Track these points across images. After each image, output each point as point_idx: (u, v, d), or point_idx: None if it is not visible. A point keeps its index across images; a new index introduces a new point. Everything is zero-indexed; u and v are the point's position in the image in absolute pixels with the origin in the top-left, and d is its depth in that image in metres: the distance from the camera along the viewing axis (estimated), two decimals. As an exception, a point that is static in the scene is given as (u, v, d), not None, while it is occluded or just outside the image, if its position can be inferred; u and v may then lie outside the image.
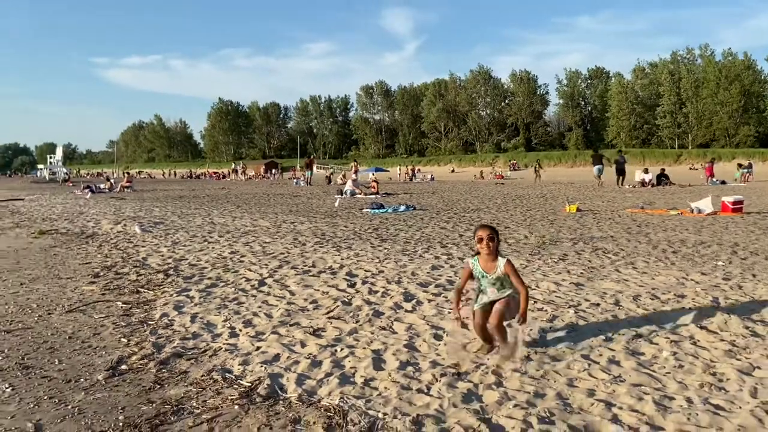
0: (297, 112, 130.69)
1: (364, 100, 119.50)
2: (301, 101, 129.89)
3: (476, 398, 3.66)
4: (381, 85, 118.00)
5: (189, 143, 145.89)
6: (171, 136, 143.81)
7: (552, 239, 10.19)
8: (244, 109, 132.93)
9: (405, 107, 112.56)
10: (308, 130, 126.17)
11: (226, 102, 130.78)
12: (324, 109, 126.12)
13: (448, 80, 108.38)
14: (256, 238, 11.06)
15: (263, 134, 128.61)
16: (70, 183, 51.02)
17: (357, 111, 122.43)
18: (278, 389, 3.94)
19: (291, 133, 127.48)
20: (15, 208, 21.28)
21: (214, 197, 25.75)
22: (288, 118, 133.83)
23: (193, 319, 5.65)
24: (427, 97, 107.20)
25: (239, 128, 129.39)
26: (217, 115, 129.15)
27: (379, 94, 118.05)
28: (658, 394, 3.56)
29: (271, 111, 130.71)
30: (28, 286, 7.57)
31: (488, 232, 4.33)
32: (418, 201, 21.08)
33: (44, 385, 4.15)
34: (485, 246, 4.32)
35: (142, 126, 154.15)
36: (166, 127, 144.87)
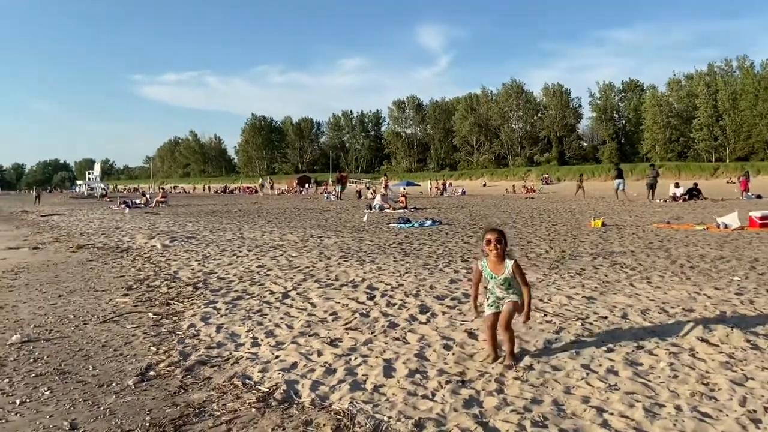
0: (329, 127, 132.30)
1: (396, 115, 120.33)
2: (334, 116, 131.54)
3: (477, 404, 3.88)
4: (413, 100, 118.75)
5: (223, 158, 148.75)
6: (206, 152, 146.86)
7: (572, 254, 10.30)
8: (278, 124, 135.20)
9: (437, 121, 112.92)
10: (340, 145, 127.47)
11: (259, 117, 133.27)
12: (356, 123, 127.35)
13: (480, 94, 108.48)
14: (283, 252, 11.43)
15: (296, 149, 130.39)
16: (108, 198, 52.58)
17: (389, 125, 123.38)
18: (293, 394, 4.22)
19: (323, 148, 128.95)
20: (55, 223, 22.17)
21: (246, 212, 26.36)
22: (320, 133, 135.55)
23: (218, 330, 5.98)
24: (459, 111, 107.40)
25: (272, 143, 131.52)
26: (250, 130, 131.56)
27: (411, 109, 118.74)
28: (650, 402, 3.74)
29: (303, 126, 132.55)
30: (65, 297, 8.04)
31: (496, 236, 4.58)
32: (446, 215, 21.27)
33: (79, 389, 4.52)
34: (493, 248, 4.56)
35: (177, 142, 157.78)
36: (201, 143, 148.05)
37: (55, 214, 28.42)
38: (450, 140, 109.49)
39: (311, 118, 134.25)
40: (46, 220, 24.53)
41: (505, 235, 4.69)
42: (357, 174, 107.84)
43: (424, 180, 75.47)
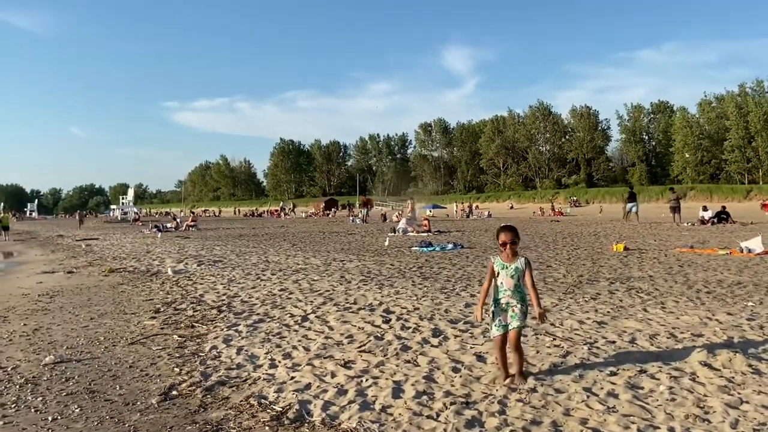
0: (356, 150, 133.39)
1: (423, 138, 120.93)
2: (361, 140, 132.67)
3: (478, 424, 4.06)
4: (440, 123, 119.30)
5: (252, 182, 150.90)
6: (235, 176, 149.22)
7: (590, 278, 10.38)
8: (306, 147, 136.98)
9: (463, 144, 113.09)
10: (367, 168, 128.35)
11: (287, 142, 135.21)
12: (383, 146, 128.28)
13: (507, 116, 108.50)
14: (305, 275, 11.72)
15: (323, 172, 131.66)
16: (140, 222, 53.85)
17: (415, 148, 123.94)
18: (305, 413, 4.45)
19: (350, 171, 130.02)
20: (89, 248, 22.89)
21: (272, 235, 26.83)
22: (348, 156, 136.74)
23: (238, 352, 6.26)
24: (486, 134, 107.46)
25: (300, 167, 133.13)
26: (279, 154, 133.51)
27: (438, 132, 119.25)
28: (644, 424, 3.87)
29: (331, 149, 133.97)
30: (96, 320, 8.43)
31: (510, 237, 4.82)
32: (469, 239, 21.39)
33: (107, 407, 4.82)
34: (508, 249, 4.81)
35: (208, 166, 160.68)
36: (231, 167, 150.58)
37: (90, 238, 29.28)
38: (477, 163, 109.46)
39: (339, 142, 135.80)
40: (81, 244, 25.32)
41: (517, 233, 4.94)
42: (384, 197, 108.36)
43: (450, 203, 75.49)
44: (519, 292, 4.79)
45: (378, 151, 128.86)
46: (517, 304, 4.76)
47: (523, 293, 4.83)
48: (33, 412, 4.71)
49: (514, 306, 4.75)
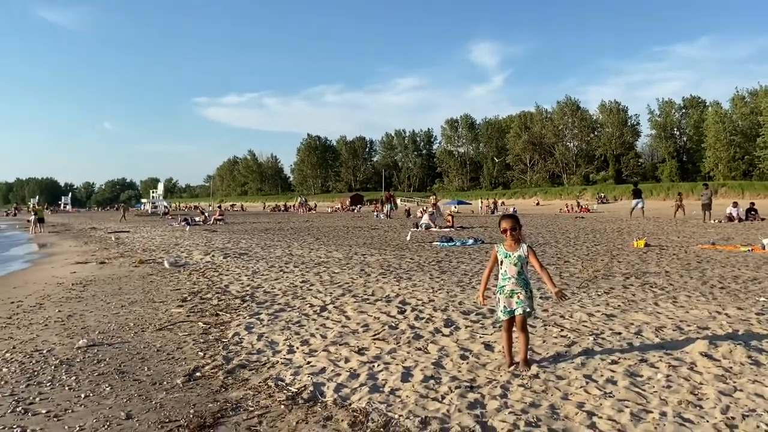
0: (382, 146, 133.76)
1: (449, 133, 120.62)
2: (387, 135, 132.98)
3: (480, 406, 4.29)
4: (466, 118, 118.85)
5: (279, 177, 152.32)
6: (263, 171, 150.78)
7: (606, 273, 10.48)
8: (332, 143, 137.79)
9: (490, 140, 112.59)
10: (393, 164, 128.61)
11: (314, 137, 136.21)
12: (408, 142, 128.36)
13: (534, 112, 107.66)
14: (327, 268, 12.04)
15: (349, 168, 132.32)
16: (170, 216, 54.93)
17: (441, 144, 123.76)
18: (318, 394, 4.74)
19: (376, 167, 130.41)
20: (121, 240, 23.58)
21: (297, 230, 27.27)
22: (374, 152, 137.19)
23: (259, 338, 6.58)
24: (513, 129, 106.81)
25: (326, 162, 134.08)
26: (305, 149, 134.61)
27: (464, 127, 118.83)
28: (638, 408, 4.07)
29: (357, 145, 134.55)
30: (127, 308, 8.85)
31: (510, 224, 5.05)
32: (491, 235, 21.50)
33: (135, 386, 5.17)
34: (509, 236, 5.05)
35: (236, 161, 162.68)
36: (258, 162, 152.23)
37: (121, 231, 30.10)
38: (503, 158, 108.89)
39: (364, 137, 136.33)
40: (112, 236, 26.07)
41: (518, 221, 5.15)
42: (409, 193, 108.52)
43: (476, 199, 75.33)
44: (523, 280, 5.01)
45: (404, 147, 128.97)
46: (521, 290, 4.98)
47: (527, 280, 5.05)
48: (67, 389, 5.08)
49: (519, 293, 4.98)
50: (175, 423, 4.29)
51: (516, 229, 5.05)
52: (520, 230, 5.13)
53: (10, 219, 69.53)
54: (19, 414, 4.49)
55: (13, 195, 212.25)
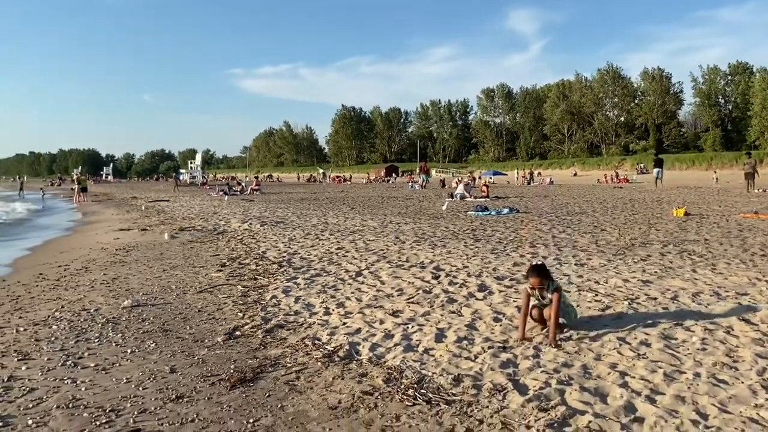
0: (417, 117, 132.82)
1: (485, 103, 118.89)
2: (421, 106, 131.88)
3: (512, 365, 4.35)
4: (502, 88, 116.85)
5: (314, 148, 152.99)
6: (298, 142, 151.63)
7: (643, 241, 10.34)
8: (366, 114, 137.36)
9: (527, 109, 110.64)
10: (428, 135, 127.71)
11: (349, 108, 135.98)
12: (444, 113, 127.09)
13: (573, 80, 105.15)
14: (362, 236, 12.16)
15: (384, 139, 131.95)
16: (207, 186, 55.86)
17: (477, 114, 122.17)
18: (354, 353, 4.87)
19: (411, 138, 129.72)
20: (161, 208, 24.15)
21: (333, 200, 27.48)
22: (408, 123, 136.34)
23: (296, 301, 6.74)
24: (551, 99, 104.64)
25: (361, 133, 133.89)
26: (340, 120, 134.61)
27: (500, 97, 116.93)
28: (671, 369, 4.07)
29: (392, 116, 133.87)
30: (169, 272, 9.13)
31: (539, 281, 4.92)
32: (526, 204, 21.33)
33: (178, 344, 5.38)
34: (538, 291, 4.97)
35: (272, 132, 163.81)
36: (294, 133, 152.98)
37: (161, 200, 30.80)
38: (540, 129, 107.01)
39: (399, 108, 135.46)
40: (154, 205, 26.72)
41: (547, 274, 4.98)
42: (445, 163, 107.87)
43: (512, 169, 74.48)
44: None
45: (439, 118, 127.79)
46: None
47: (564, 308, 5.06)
48: (114, 345, 5.32)
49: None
50: (216, 377, 4.47)
51: (545, 285, 4.92)
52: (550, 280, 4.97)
53: (54, 189, 71.67)
54: (69, 367, 4.74)
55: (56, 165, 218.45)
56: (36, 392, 4.19)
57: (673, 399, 3.62)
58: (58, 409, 3.89)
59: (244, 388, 4.25)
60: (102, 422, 3.68)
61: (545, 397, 3.74)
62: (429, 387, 4.04)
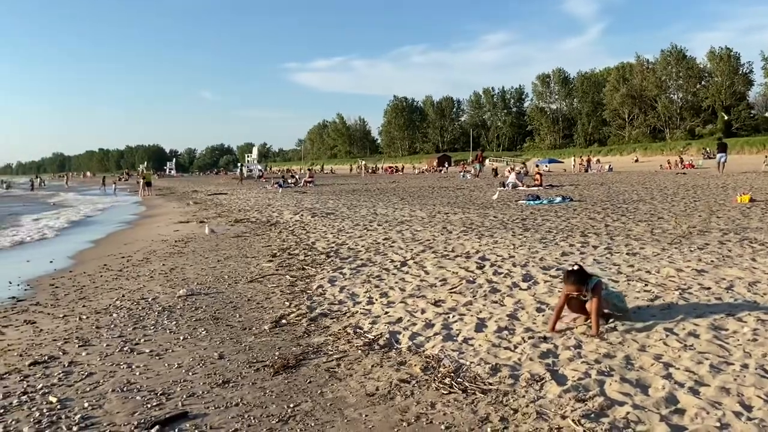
0: (470, 105, 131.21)
1: (540, 89, 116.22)
2: (474, 94, 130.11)
3: (552, 355, 4.32)
4: (558, 73, 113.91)
5: (367, 139, 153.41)
6: (351, 134, 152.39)
7: (702, 229, 9.97)
8: (419, 104, 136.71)
9: (585, 95, 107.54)
10: (481, 123, 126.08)
11: (400, 99, 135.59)
12: (497, 100, 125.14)
13: (634, 63, 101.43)
14: (409, 226, 12.19)
15: (437, 128, 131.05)
16: (264, 179, 56.99)
17: (532, 101, 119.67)
18: (394, 341, 4.93)
19: (464, 127, 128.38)
20: (219, 201, 24.85)
21: (384, 191, 27.59)
22: (461, 112, 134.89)
23: (341, 290, 6.85)
24: (610, 83, 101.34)
25: (413, 123, 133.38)
26: (392, 111, 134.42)
27: (557, 83, 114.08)
28: (718, 360, 3.95)
29: (444, 105, 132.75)
30: (222, 262, 9.42)
31: (575, 288, 4.78)
32: (580, 193, 20.86)
33: (227, 331, 5.57)
34: (576, 299, 4.87)
35: (325, 125, 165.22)
36: (346, 125, 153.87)
37: (220, 193, 31.69)
38: (599, 114, 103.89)
39: (452, 97, 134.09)
40: (212, 198, 27.52)
41: (583, 275, 4.82)
42: (499, 152, 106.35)
43: (568, 157, 72.77)
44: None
45: (492, 105, 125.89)
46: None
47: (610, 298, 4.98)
48: (168, 332, 5.56)
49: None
50: (261, 363, 4.62)
51: (581, 290, 4.78)
52: (587, 282, 4.81)
53: (122, 183, 74.61)
54: (126, 352, 4.99)
55: (124, 161, 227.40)
56: (94, 376, 4.43)
57: (718, 391, 3.52)
58: (114, 392, 4.11)
59: (286, 374, 4.38)
60: (153, 405, 3.87)
61: (584, 388, 3.70)
62: (466, 376, 4.06)
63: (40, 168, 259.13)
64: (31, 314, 6.60)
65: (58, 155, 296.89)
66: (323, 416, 3.65)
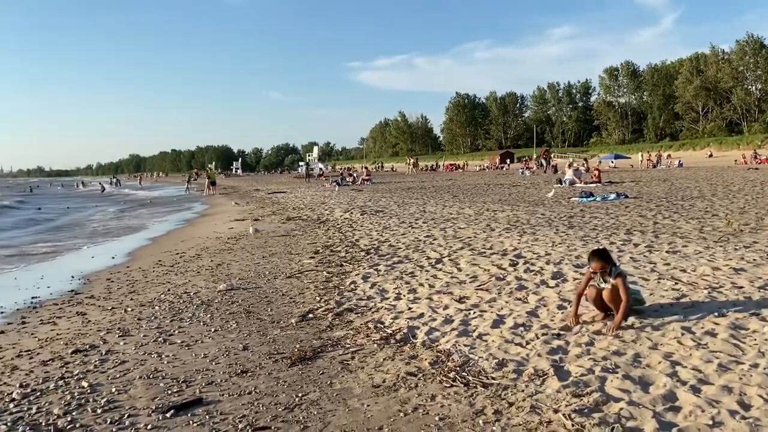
0: (534, 101, 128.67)
1: (608, 83, 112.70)
2: (539, 89, 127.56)
3: (562, 352, 4.33)
4: (627, 66, 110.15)
5: (429, 137, 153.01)
6: (413, 131, 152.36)
7: (755, 227, 9.55)
8: (481, 100, 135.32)
9: (655, 87, 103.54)
10: (546, 118, 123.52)
11: (462, 95, 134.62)
12: (563, 95, 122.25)
13: (709, 53, 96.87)
14: (454, 224, 12.23)
15: (499, 125, 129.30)
16: (324, 177, 57.90)
17: (599, 95, 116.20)
18: (411, 336, 5.05)
19: (528, 123, 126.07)
20: (276, 200, 25.54)
21: (439, 188, 27.58)
22: (525, 107, 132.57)
23: (372, 286, 7.02)
24: (683, 75, 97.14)
25: (476, 120, 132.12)
26: (454, 108, 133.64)
27: (625, 75, 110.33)
28: (728, 359, 3.87)
29: (508, 101, 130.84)
30: (267, 258, 9.77)
31: (600, 265, 4.89)
32: (640, 189, 20.24)
33: (257, 324, 5.84)
34: (599, 276, 4.92)
35: (387, 123, 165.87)
36: (408, 123, 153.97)
37: (279, 192, 32.52)
38: (671, 107, 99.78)
39: (515, 93, 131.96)
40: (271, 197, 28.29)
41: (608, 256, 4.98)
42: (564, 148, 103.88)
43: (637, 152, 70.27)
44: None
45: (557, 101, 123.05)
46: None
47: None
48: (201, 325, 5.88)
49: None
50: (281, 355, 4.84)
51: (606, 269, 4.87)
52: (612, 265, 4.94)
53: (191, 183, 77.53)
54: (160, 342, 5.32)
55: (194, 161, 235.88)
56: (126, 364, 4.77)
57: (720, 389, 3.47)
58: (140, 379, 4.42)
59: (302, 365, 4.58)
60: (173, 391, 4.15)
61: (584, 384, 3.72)
62: (471, 370, 4.14)
63: (118, 168, 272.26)
64: (84, 306, 7.10)
65: (134, 156, 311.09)
66: (327, 405, 3.82)
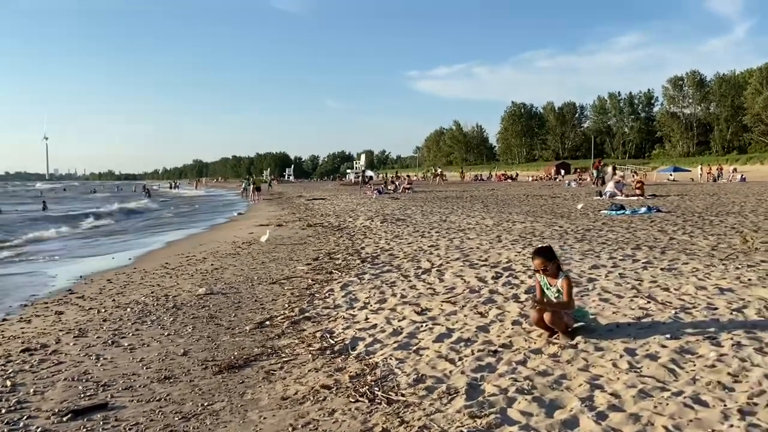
0: (593, 111, 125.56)
1: (672, 93, 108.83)
2: (599, 99, 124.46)
3: (489, 369, 4.10)
4: (693, 76, 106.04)
5: (484, 146, 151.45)
6: (468, 140, 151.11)
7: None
8: (538, 110, 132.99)
9: (723, 98, 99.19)
10: (606, 129, 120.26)
11: (518, 105, 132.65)
12: (624, 105, 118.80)
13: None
14: (464, 234, 11.93)
15: (557, 135, 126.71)
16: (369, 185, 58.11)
17: (663, 105, 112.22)
18: (350, 348, 4.90)
19: (586, 133, 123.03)
20: (311, 206, 25.72)
21: (476, 198, 27.14)
22: (584, 117, 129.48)
23: (346, 295, 6.89)
24: (752, 85, 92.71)
25: (532, 130, 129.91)
26: (509, 118, 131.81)
27: (691, 86, 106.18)
28: (654, 386, 3.56)
29: (566, 111, 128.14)
30: (265, 264, 9.78)
31: (539, 262, 4.83)
32: (680, 203, 19.32)
33: (212, 330, 5.81)
34: (541, 273, 4.84)
35: (442, 132, 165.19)
36: (463, 132, 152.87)
37: (319, 198, 32.80)
38: (739, 119, 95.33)
39: (574, 103, 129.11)
40: (308, 203, 28.55)
41: (550, 255, 4.86)
42: (624, 160, 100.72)
43: (696, 165, 67.41)
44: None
45: (618, 111, 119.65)
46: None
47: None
48: (159, 329, 5.89)
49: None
50: (213, 362, 4.78)
51: (546, 266, 4.78)
52: (555, 262, 4.83)
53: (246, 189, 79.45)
54: (107, 345, 5.36)
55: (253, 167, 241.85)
56: (61, 365, 4.81)
57: (626, 418, 3.18)
58: (65, 381, 4.45)
59: (228, 373, 4.51)
60: (87, 395, 4.17)
61: (489, 404, 3.49)
62: (386, 385, 3.96)
63: (182, 174, 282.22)
64: (67, 306, 7.28)
65: (197, 162, 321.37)
66: (225, 416, 3.73)
